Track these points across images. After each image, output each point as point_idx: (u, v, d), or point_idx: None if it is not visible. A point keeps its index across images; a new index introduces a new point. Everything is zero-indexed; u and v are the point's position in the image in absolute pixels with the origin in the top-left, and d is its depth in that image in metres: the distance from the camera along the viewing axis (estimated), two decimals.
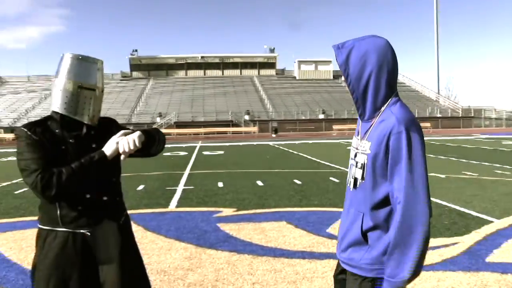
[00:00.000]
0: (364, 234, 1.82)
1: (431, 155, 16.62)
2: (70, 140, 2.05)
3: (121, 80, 67.80)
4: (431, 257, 4.61)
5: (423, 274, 4.19)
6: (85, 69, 2.08)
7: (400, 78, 69.83)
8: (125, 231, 2.16)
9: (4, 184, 11.28)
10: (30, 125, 2.04)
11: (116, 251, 2.08)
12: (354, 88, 1.86)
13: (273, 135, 42.35)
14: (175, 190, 9.56)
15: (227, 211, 7.20)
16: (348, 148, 21.20)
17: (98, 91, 2.12)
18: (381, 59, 1.82)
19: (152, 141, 2.17)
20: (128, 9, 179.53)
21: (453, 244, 5.10)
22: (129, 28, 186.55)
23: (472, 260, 4.51)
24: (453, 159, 15.40)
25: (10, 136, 44.16)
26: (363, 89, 1.84)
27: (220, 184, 10.22)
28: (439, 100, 60.95)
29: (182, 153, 21.07)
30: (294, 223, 6.28)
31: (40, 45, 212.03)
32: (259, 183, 10.33)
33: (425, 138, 1.81)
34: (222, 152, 21.56)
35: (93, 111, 2.11)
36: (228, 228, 6.08)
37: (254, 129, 46.42)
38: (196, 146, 26.76)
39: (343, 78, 1.85)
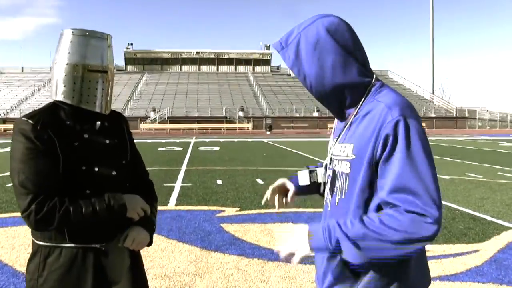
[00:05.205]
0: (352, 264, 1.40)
1: None
2: (85, 135, 1.67)
3: (115, 73, 66.93)
4: (454, 266, 4.33)
5: (449, 285, 3.90)
6: (93, 47, 1.66)
7: (394, 77, 69.69)
8: None
9: None
10: (37, 116, 1.61)
11: (127, 269, 1.76)
12: (318, 88, 1.43)
13: (268, 132, 42.05)
14: (173, 187, 9.20)
15: (230, 211, 6.87)
16: None
17: (110, 73, 1.73)
18: (341, 40, 1.39)
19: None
20: (123, 2, 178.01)
21: (474, 251, 4.81)
22: (125, 22, 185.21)
23: (502, 272, 4.19)
24: (455, 160, 15.14)
25: (2, 126, 43.43)
26: (331, 87, 1.41)
27: (219, 182, 9.89)
28: (433, 100, 60.86)
29: (177, 148, 20.69)
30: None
31: (35, 36, 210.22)
32: (259, 181, 10.00)
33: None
34: (217, 148, 21.19)
35: (106, 98, 1.72)
36: (232, 229, 5.75)
37: (248, 125, 46.04)
38: (190, 142, 26.35)
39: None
